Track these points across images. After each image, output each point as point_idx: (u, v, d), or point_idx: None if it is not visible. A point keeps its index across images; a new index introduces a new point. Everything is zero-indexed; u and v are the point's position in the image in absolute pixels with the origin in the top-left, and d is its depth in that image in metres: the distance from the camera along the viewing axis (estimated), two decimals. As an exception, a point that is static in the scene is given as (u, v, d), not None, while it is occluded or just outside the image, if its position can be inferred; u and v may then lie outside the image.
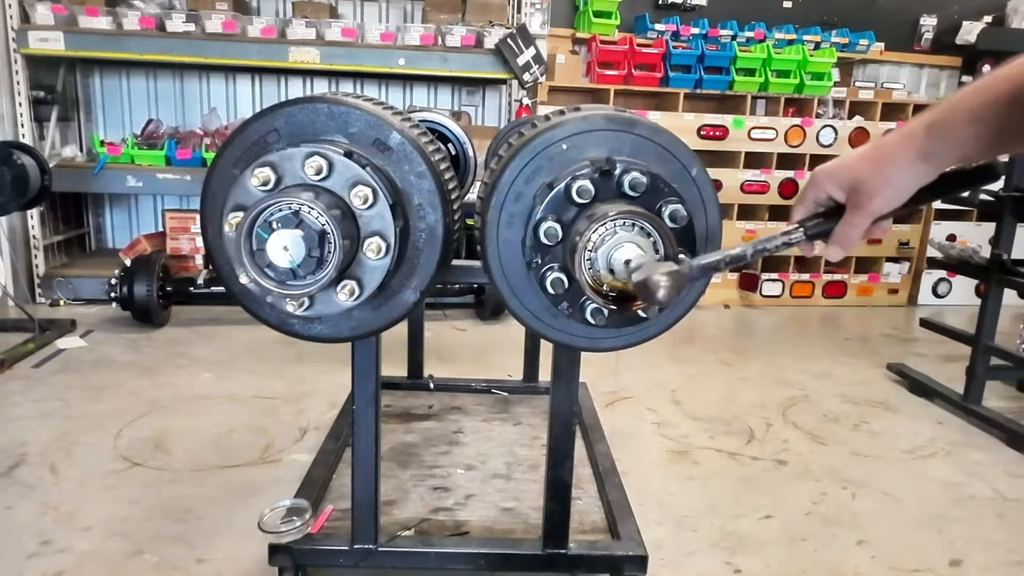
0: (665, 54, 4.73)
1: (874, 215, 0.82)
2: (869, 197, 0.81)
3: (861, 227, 0.82)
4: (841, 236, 0.84)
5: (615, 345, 1.37)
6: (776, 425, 2.93)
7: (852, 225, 0.82)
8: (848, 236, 0.83)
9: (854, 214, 0.82)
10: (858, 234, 0.83)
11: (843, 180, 0.84)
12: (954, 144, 0.77)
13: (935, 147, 0.78)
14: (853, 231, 0.83)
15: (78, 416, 2.73)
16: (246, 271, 1.13)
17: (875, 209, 0.81)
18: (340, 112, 1.28)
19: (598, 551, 1.65)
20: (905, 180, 0.80)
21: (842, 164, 0.85)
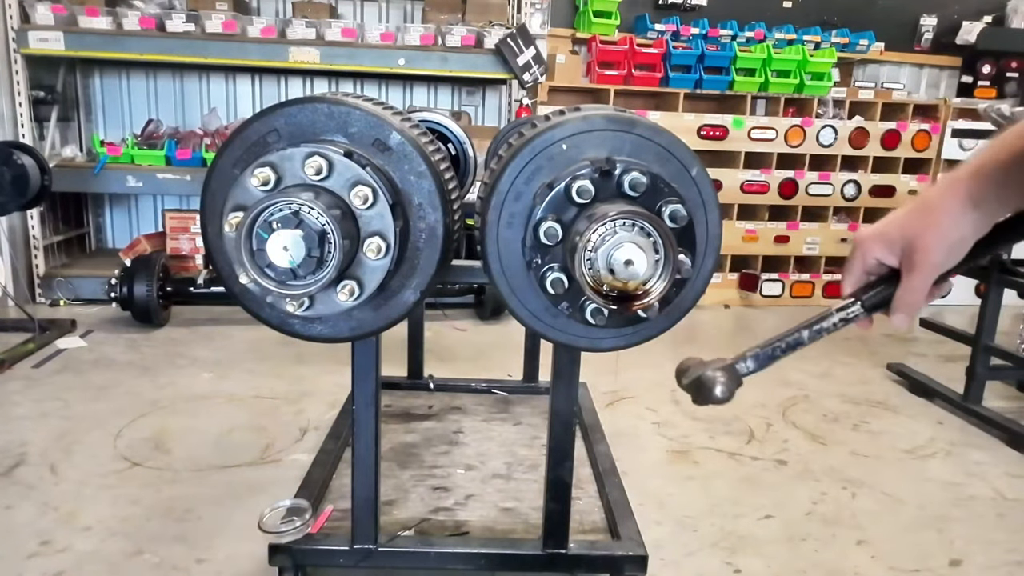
0: (665, 54, 4.72)
1: (935, 274, 0.75)
2: (925, 255, 0.74)
3: (923, 289, 0.75)
4: (903, 303, 0.77)
5: (615, 345, 1.37)
6: (776, 425, 2.93)
7: (913, 290, 0.75)
8: (911, 302, 0.76)
9: (913, 276, 0.75)
10: (921, 298, 0.76)
11: (893, 241, 0.77)
12: (1004, 188, 0.72)
13: (984, 192, 0.72)
14: (915, 296, 0.75)
15: (78, 416, 2.73)
16: (246, 271, 1.13)
17: (934, 267, 0.74)
18: (340, 112, 1.28)
19: (598, 551, 1.66)
20: (960, 231, 0.73)
21: (888, 224, 0.78)
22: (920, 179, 4.99)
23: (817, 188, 4.88)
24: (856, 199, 4.93)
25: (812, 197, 4.88)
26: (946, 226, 0.73)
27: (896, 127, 4.88)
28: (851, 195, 4.92)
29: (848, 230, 4.96)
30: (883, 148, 4.89)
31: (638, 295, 1.13)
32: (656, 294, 1.13)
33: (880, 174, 4.93)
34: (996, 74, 5.29)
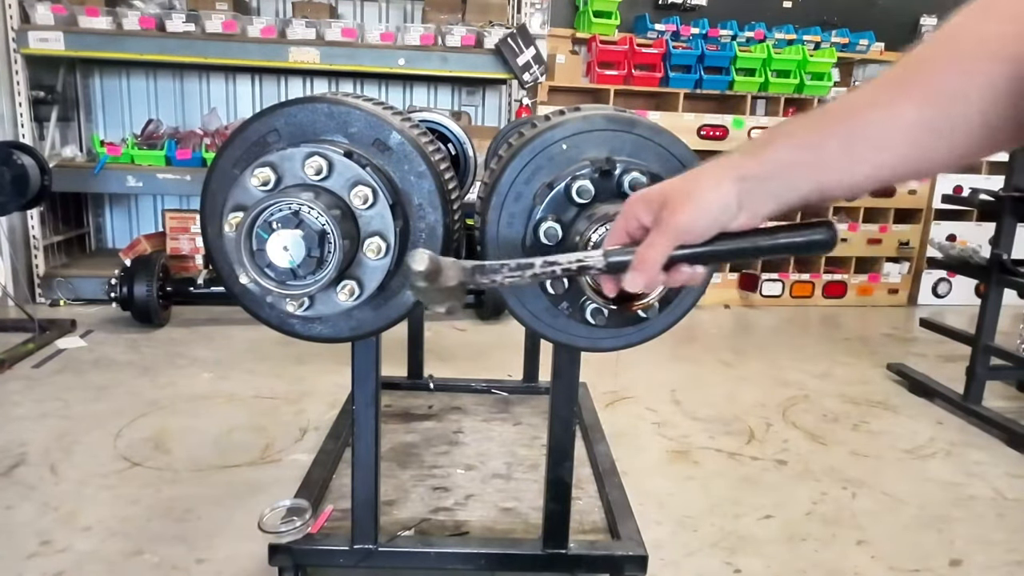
0: (665, 54, 4.73)
1: (678, 234, 0.71)
2: (672, 214, 0.71)
3: (662, 248, 0.72)
4: (639, 258, 0.73)
5: (615, 345, 1.37)
6: (776, 425, 2.93)
7: (652, 245, 0.72)
8: (645, 259, 0.72)
9: (655, 233, 0.72)
10: (658, 255, 0.72)
11: (653, 200, 0.74)
12: (773, 168, 0.69)
13: (751, 169, 0.70)
14: (653, 251, 0.72)
15: (78, 416, 2.73)
16: (246, 271, 1.13)
17: (679, 225, 0.71)
18: (340, 112, 1.28)
19: (598, 551, 1.66)
20: (714, 196, 0.70)
21: (658, 185, 0.76)
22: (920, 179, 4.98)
23: (817, 188, 4.87)
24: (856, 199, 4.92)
25: (812, 197, 4.87)
26: (702, 189, 0.71)
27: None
28: (851, 195, 4.92)
29: (848, 230, 4.96)
30: (883, 148, 4.89)
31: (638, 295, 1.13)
32: (656, 294, 1.13)
33: (880, 174, 4.92)
34: (996, 74, 5.28)
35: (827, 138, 0.67)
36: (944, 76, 0.61)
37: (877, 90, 0.66)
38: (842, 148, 0.66)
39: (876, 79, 0.67)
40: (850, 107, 0.67)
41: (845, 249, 5.01)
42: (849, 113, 0.67)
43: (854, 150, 0.66)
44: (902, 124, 0.63)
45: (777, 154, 0.69)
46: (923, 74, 0.63)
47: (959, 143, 0.62)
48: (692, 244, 0.73)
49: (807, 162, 0.68)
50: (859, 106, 0.66)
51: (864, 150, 0.65)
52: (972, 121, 0.60)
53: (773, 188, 0.70)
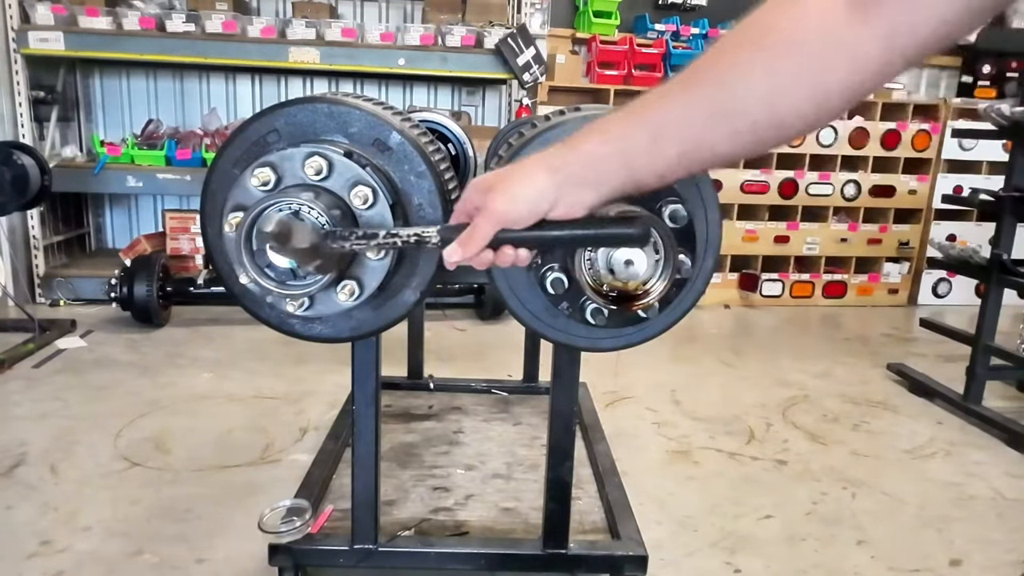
0: (665, 54, 4.73)
1: (497, 218, 0.78)
2: (493, 199, 0.78)
3: (483, 230, 0.78)
4: (461, 238, 0.80)
5: (615, 345, 1.37)
6: (776, 425, 2.93)
7: (476, 226, 0.79)
8: (466, 239, 0.79)
9: (480, 216, 0.79)
10: (478, 236, 0.78)
11: (483, 185, 0.81)
12: (586, 160, 0.75)
13: (566, 162, 0.75)
14: (476, 232, 0.79)
15: (78, 416, 2.73)
16: (246, 271, 1.13)
17: (496, 211, 0.77)
18: (340, 112, 1.28)
19: (598, 551, 1.66)
20: (529, 186, 0.76)
21: (491, 173, 0.82)
22: (920, 179, 4.99)
23: (817, 188, 4.88)
24: (856, 199, 4.93)
25: (812, 197, 4.88)
26: (517, 179, 0.77)
27: (896, 127, 4.88)
28: (851, 195, 4.92)
29: (848, 230, 4.96)
30: (883, 148, 4.89)
31: (638, 295, 1.13)
32: (656, 294, 1.13)
33: (880, 174, 4.93)
34: (996, 74, 5.29)
35: (633, 129, 0.73)
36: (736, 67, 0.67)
37: (674, 85, 0.71)
38: (647, 138, 0.71)
39: (672, 77, 0.73)
40: (652, 100, 0.73)
41: (845, 249, 5.01)
42: (651, 105, 0.72)
43: (657, 138, 0.71)
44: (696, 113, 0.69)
45: (590, 147, 0.74)
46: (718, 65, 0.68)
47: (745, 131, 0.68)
48: (514, 229, 0.79)
49: (617, 153, 0.73)
50: (659, 98, 0.72)
51: (666, 137, 0.70)
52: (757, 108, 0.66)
53: (589, 179, 0.75)
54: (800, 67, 0.63)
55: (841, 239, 4.98)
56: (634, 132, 0.73)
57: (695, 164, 0.73)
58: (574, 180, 0.75)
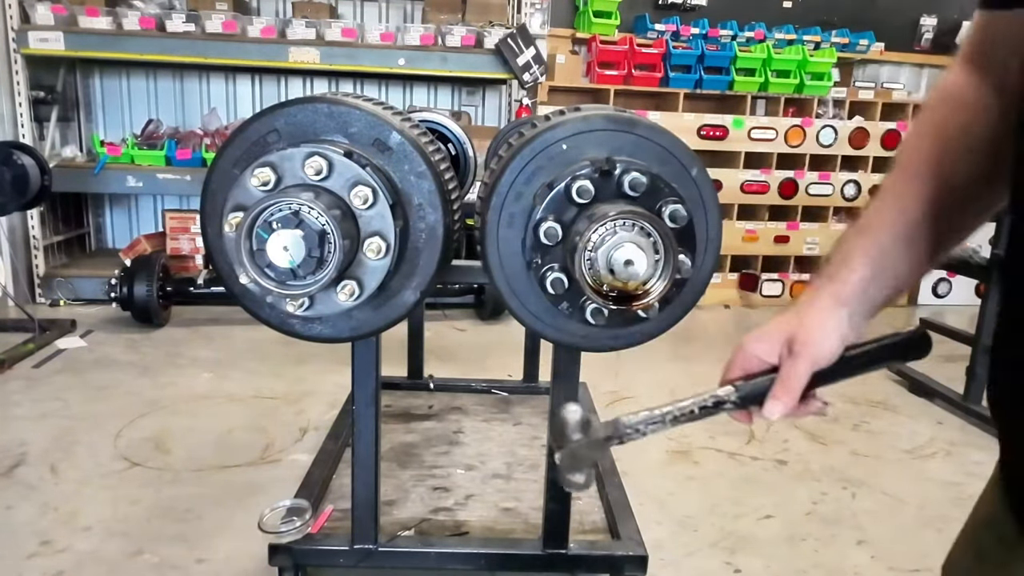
0: (665, 54, 4.72)
1: (814, 362, 0.77)
2: (804, 344, 0.77)
3: (803, 375, 0.77)
4: (781, 387, 0.78)
5: (615, 345, 1.37)
6: (776, 425, 2.93)
7: (795, 375, 0.77)
8: (789, 387, 0.77)
9: (795, 361, 0.77)
10: (800, 384, 0.77)
11: (773, 337, 0.80)
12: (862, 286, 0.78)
13: (848, 293, 0.78)
14: (795, 381, 0.77)
15: (78, 416, 2.73)
16: (246, 271, 1.13)
17: (813, 355, 0.77)
18: (340, 112, 1.28)
19: (598, 551, 1.66)
20: (832, 323, 0.78)
21: (768, 327, 0.82)
22: (920, 179, 4.99)
23: (817, 188, 4.88)
24: (856, 199, 4.93)
25: (812, 197, 4.88)
26: (821, 320, 0.78)
27: (896, 127, 4.87)
28: (851, 195, 4.92)
29: (848, 230, 4.96)
30: (883, 148, 4.89)
31: (638, 295, 1.13)
32: (656, 294, 1.13)
33: (880, 174, 4.90)
34: (996, 74, 5.28)
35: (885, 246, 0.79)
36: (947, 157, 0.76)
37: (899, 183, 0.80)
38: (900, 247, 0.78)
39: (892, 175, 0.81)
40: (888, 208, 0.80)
41: (845, 249, 5.00)
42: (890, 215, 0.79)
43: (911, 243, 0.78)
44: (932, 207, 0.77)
45: (859, 274, 0.78)
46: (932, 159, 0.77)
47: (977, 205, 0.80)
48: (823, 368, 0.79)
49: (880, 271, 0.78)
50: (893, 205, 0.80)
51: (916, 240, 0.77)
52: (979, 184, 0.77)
53: (866, 300, 0.79)
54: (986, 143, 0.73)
55: (841, 239, 4.97)
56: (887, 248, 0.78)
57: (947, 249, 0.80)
58: (858, 307, 0.78)
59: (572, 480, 0.82)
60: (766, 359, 0.80)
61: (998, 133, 0.73)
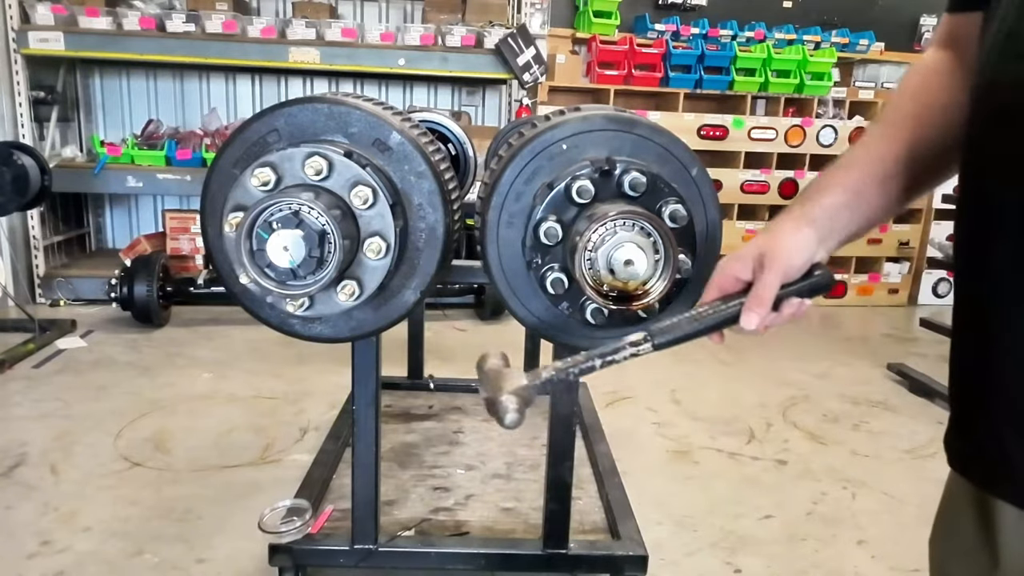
0: (665, 54, 4.72)
1: (784, 272, 0.83)
2: (774, 258, 0.83)
3: (773, 286, 0.83)
4: (754, 299, 0.83)
5: (615, 345, 1.37)
6: (776, 425, 2.93)
7: (765, 285, 0.83)
8: (762, 297, 0.83)
9: (765, 273, 0.83)
10: (771, 294, 0.83)
11: (746, 256, 0.85)
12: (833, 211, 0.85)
13: (819, 214, 0.85)
14: (766, 291, 0.83)
15: (78, 416, 2.73)
16: (246, 271, 1.13)
17: (783, 267, 0.82)
18: (340, 112, 1.28)
19: (598, 551, 1.65)
20: (799, 238, 0.84)
21: (743, 248, 0.87)
22: (920, 179, 4.99)
23: (817, 188, 4.87)
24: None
25: (812, 197, 4.87)
26: (790, 237, 0.84)
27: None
28: (851, 195, 4.92)
29: (848, 230, 4.95)
30: (883, 148, 4.88)
31: (638, 295, 1.13)
32: (656, 294, 1.13)
33: (880, 174, 4.92)
34: (996, 74, 5.28)
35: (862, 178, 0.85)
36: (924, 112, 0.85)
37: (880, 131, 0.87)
38: (875, 183, 0.85)
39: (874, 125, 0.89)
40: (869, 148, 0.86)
41: (845, 249, 4.93)
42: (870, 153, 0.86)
43: (885, 182, 0.85)
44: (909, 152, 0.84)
45: (832, 199, 0.85)
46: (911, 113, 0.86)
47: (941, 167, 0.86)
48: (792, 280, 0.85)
49: (853, 201, 0.85)
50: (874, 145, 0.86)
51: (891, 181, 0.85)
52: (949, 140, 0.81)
53: (835, 226, 0.86)
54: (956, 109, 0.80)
55: (841, 239, 4.97)
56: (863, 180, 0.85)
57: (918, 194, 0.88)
58: (826, 229, 0.85)
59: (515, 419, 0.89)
60: (741, 276, 0.86)
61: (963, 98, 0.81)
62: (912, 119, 0.86)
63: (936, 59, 0.88)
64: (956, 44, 0.86)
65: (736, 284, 0.86)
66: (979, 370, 0.76)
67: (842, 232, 0.86)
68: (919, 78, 0.89)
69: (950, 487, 0.83)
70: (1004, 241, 0.68)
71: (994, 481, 0.73)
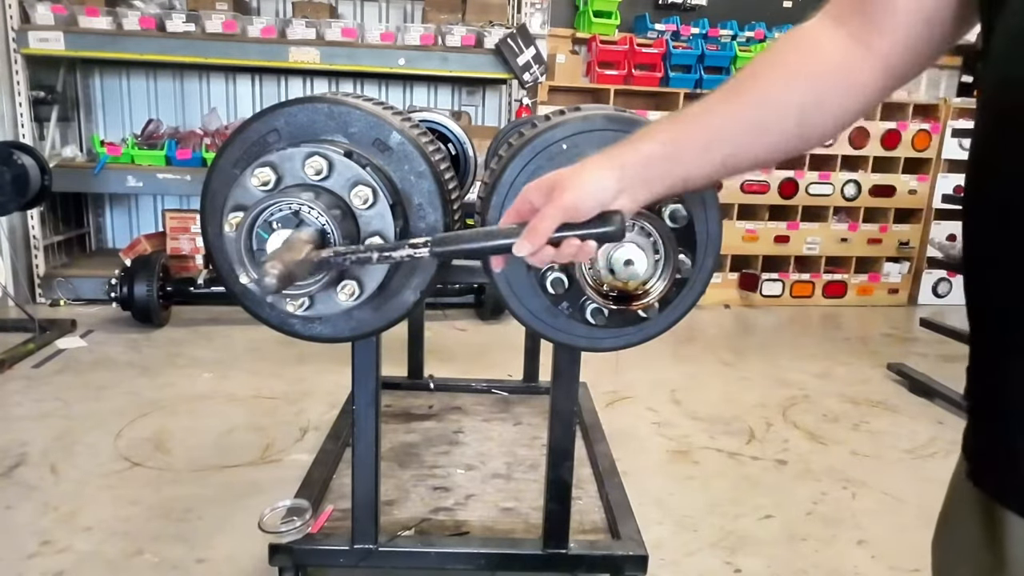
0: (665, 54, 4.72)
1: (565, 210, 0.80)
2: (563, 191, 0.80)
3: (550, 220, 0.80)
4: (530, 229, 0.81)
5: (615, 345, 1.37)
6: (776, 425, 2.93)
7: (544, 216, 0.80)
8: (536, 228, 0.80)
9: (547, 206, 0.81)
10: (548, 227, 0.80)
11: (544, 183, 0.83)
12: (646, 159, 0.80)
13: (628, 159, 0.81)
14: (543, 223, 0.80)
15: (78, 416, 2.73)
16: (246, 271, 1.13)
17: (565, 203, 0.79)
18: (340, 112, 1.28)
19: (598, 551, 1.66)
20: (596, 180, 0.80)
21: (549, 174, 0.85)
22: (920, 179, 4.99)
23: (817, 188, 4.88)
24: (856, 199, 4.93)
25: (812, 197, 4.88)
26: (586, 177, 0.81)
27: (896, 127, 4.88)
28: (851, 195, 4.92)
29: (848, 230, 4.96)
30: (883, 148, 4.89)
31: (638, 295, 1.14)
32: (656, 294, 1.13)
33: (880, 174, 4.93)
34: (996, 74, 5.28)
35: (687, 135, 0.81)
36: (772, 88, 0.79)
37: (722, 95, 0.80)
38: (699, 143, 0.80)
39: (721, 86, 0.81)
40: (703, 110, 0.81)
41: (845, 249, 5.01)
42: (701, 115, 0.81)
43: (708, 146, 0.80)
44: (740, 124, 0.79)
45: (649, 147, 0.80)
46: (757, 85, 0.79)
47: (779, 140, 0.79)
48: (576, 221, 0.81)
49: (672, 155, 0.80)
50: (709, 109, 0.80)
51: (714, 146, 0.80)
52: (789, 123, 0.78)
53: (646, 176, 0.81)
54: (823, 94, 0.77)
55: (841, 239, 4.98)
56: (687, 137, 0.81)
57: (738, 168, 0.82)
58: (636, 177, 0.81)
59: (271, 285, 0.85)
60: (533, 202, 0.83)
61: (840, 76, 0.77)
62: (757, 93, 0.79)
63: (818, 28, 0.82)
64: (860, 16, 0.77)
65: (531, 212, 0.83)
66: (987, 374, 0.71)
67: (656, 184, 0.81)
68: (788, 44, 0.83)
69: (954, 488, 0.82)
70: (1014, 242, 0.66)
71: (1004, 491, 0.70)
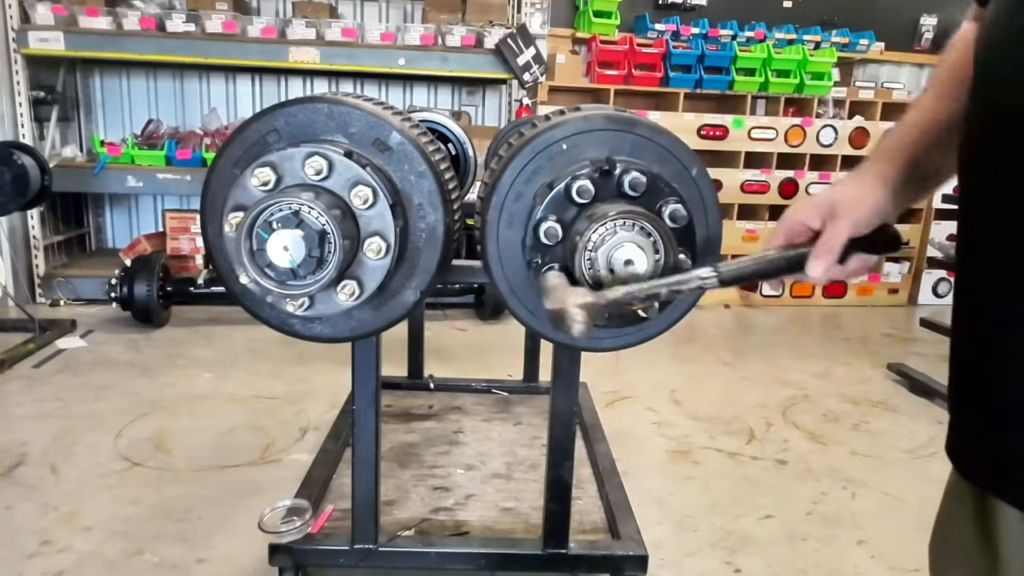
0: (665, 54, 4.73)
1: (855, 225, 0.83)
2: (848, 208, 0.83)
3: (843, 235, 0.82)
4: (823, 246, 0.83)
5: (615, 345, 1.37)
6: (776, 425, 2.93)
7: (835, 233, 0.82)
8: (830, 245, 0.82)
9: (836, 222, 0.83)
10: (839, 243, 0.82)
11: (818, 205, 0.85)
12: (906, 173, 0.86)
13: (893, 175, 0.86)
14: (836, 239, 0.82)
15: (78, 416, 2.73)
16: (246, 271, 1.13)
17: (854, 219, 0.82)
18: (340, 112, 1.28)
19: (598, 551, 1.65)
20: (875, 195, 0.84)
21: (812, 198, 0.88)
22: (920, 179, 4.99)
23: (817, 188, 4.87)
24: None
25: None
26: (862, 190, 0.85)
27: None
28: (851, 195, 4.92)
29: (848, 230, 4.95)
30: (883, 148, 4.89)
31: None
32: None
33: (880, 174, 4.92)
34: (996, 74, 5.28)
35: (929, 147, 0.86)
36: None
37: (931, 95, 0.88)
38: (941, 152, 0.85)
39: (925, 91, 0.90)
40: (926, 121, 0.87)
41: (845, 249, 5.00)
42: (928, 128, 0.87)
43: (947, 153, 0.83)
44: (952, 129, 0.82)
45: (904, 160, 0.87)
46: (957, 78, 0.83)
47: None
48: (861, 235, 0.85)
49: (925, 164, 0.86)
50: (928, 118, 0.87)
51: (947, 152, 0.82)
52: None
53: (908, 187, 0.87)
54: None
55: (841, 239, 4.97)
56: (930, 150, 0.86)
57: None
58: (901, 188, 0.86)
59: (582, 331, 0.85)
60: (809, 224, 0.85)
61: None
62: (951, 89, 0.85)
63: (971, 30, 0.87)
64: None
65: (803, 233, 0.86)
66: (980, 371, 0.75)
67: (908, 193, 0.87)
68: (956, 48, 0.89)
69: (950, 489, 0.83)
70: (1004, 241, 0.67)
71: (995, 482, 0.72)
